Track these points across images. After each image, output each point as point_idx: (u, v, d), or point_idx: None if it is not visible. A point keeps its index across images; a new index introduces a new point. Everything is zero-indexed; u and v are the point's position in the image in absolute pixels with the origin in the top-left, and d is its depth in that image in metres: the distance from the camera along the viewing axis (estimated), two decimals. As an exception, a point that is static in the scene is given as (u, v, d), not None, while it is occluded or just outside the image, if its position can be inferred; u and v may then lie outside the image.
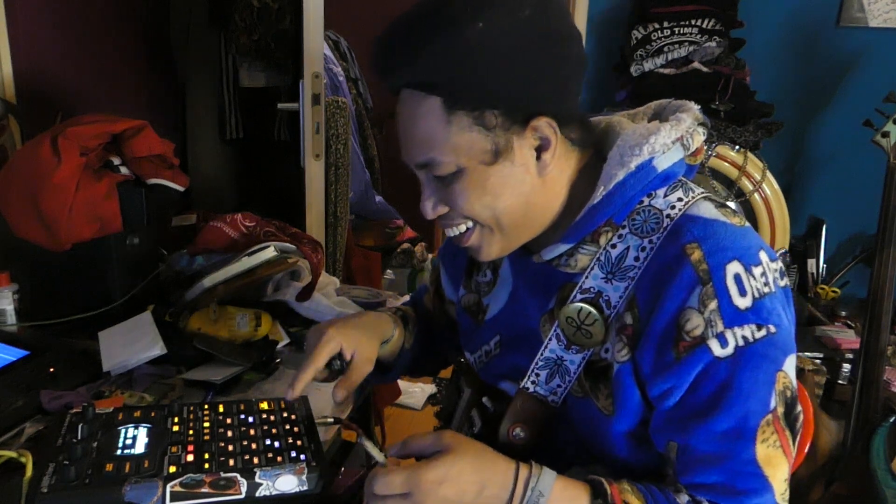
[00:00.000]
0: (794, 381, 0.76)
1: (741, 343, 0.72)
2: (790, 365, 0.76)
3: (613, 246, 0.80)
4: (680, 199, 0.80)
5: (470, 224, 0.83)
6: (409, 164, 0.83)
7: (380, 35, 0.78)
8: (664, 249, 0.76)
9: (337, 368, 0.95)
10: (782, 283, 0.77)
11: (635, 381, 0.78)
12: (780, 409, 0.74)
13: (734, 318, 0.72)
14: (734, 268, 0.73)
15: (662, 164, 0.79)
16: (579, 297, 0.81)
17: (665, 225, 0.78)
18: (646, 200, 0.80)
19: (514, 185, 0.79)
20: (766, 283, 0.74)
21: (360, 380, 0.95)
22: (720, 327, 0.72)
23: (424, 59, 0.74)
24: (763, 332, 0.73)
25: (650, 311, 0.75)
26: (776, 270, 0.77)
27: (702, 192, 0.82)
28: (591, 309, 0.79)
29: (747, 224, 0.79)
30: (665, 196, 0.80)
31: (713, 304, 0.72)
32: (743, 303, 0.73)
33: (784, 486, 0.75)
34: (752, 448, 0.73)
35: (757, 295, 0.73)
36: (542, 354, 0.84)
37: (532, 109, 0.77)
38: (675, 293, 0.74)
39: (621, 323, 0.78)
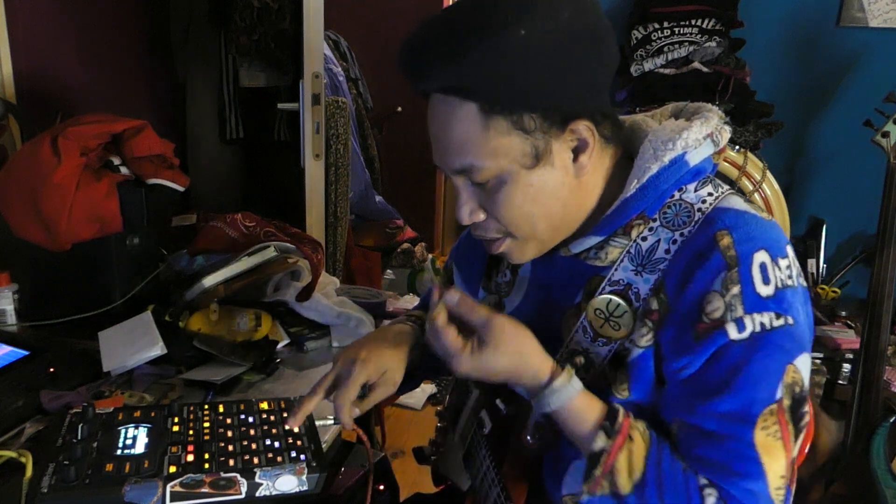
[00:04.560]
0: (806, 381, 0.76)
1: (758, 329, 0.73)
2: (803, 363, 0.76)
3: (644, 238, 0.80)
4: (710, 194, 0.81)
5: (502, 235, 0.83)
6: (444, 170, 0.82)
7: (410, 38, 0.77)
8: (695, 239, 0.77)
9: (360, 395, 0.94)
10: (802, 283, 0.78)
11: (654, 363, 0.78)
12: (787, 402, 0.74)
13: (755, 304, 0.73)
14: (761, 257, 0.74)
15: (694, 158, 0.80)
16: (608, 289, 0.81)
17: (696, 219, 0.79)
18: (677, 195, 0.81)
19: (554, 188, 0.79)
20: (789, 277, 0.75)
21: (378, 401, 0.95)
22: (740, 312, 0.73)
23: (463, 64, 0.73)
24: (781, 322, 0.73)
25: (677, 295, 0.76)
26: (798, 269, 0.77)
27: (730, 189, 0.82)
28: (620, 301, 0.80)
29: (774, 220, 0.80)
30: (696, 191, 0.81)
31: (736, 289, 0.73)
32: (765, 290, 0.73)
33: (779, 482, 0.74)
34: (752, 432, 0.73)
35: (780, 285, 0.74)
36: (566, 348, 0.84)
37: (570, 110, 0.77)
38: (702, 276, 0.75)
39: (647, 308, 0.79)
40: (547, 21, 0.72)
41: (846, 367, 2.17)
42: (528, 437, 0.85)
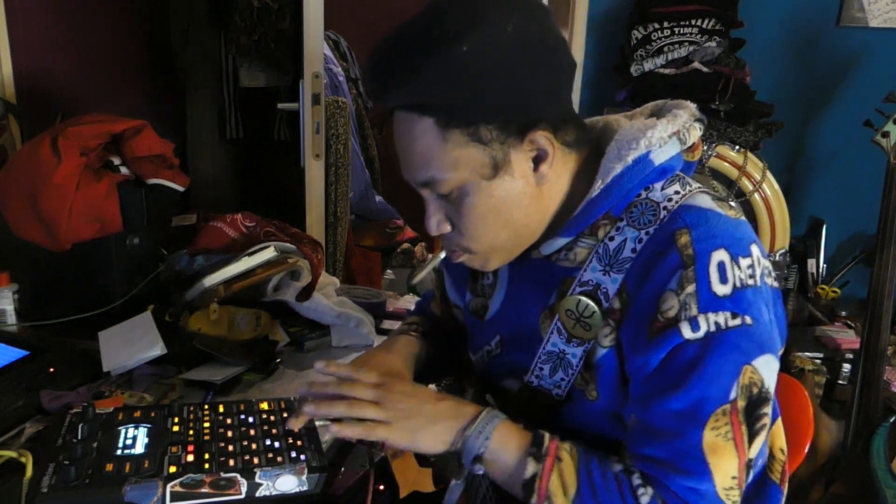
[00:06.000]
0: (768, 383, 0.75)
1: (713, 329, 0.73)
2: (764, 363, 0.75)
3: (611, 238, 0.81)
4: (677, 192, 0.81)
5: (461, 250, 0.85)
6: (411, 183, 0.84)
7: (368, 59, 0.79)
8: (656, 237, 0.78)
9: None
10: (770, 283, 0.77)
11: (617, 362, 0.79)
12: (741, 403, 0.73)
13: (710, 303, 0.73)
14: (719, 255, 0.74)
15: (659, 157, 0.80)
16: (578, 289, 0.81)
17: (662, 217, 0.78)
18: (643, 194, 0.81)
19: (516, 197, 0.80)
20: (751, 276, 0.75)
21: None
22: (694, 311, 0.73)
23: (413, 83, 0.75)
24: (738, 322, 0.73)
25: (636, 293, 0.77)
26: (766, 268, 0.77)
27: (699, 187, 0.82)
28: (590, 301, 0.80)
29: (743, 218, 0.80)
30: (662, 189, 0.81)
31: (691, 288, 0.73)
32: (722, 290, 0.73)
33: (730, 483, 0.73)
34: (700, 432, 0.72)
35: (739, 285, 0.74)
36: (543, 349, 0.84)
37: (526, 120, 0.78)
38: (659, 274, 0.75)
39: (610, 307, 0.79)
40: (494, 33, 0.74)
41: (846, 367, 2.18)
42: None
